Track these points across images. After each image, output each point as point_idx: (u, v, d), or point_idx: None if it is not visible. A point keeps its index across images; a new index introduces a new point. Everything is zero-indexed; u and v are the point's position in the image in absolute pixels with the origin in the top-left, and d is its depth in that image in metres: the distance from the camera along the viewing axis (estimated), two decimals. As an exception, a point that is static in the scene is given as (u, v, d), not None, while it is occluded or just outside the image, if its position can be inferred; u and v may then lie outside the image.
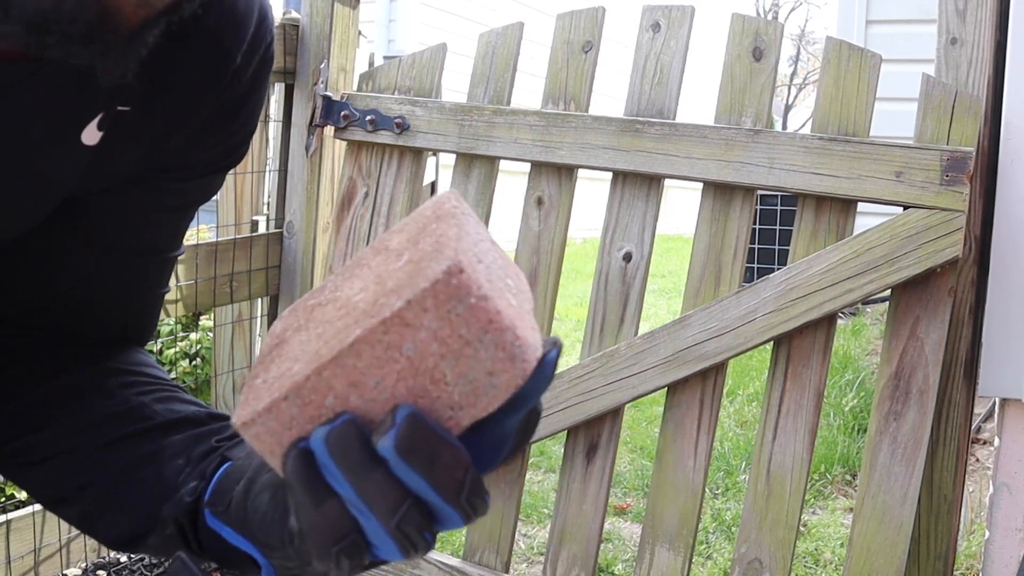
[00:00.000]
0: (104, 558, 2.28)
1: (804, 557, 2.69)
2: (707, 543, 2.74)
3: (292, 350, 0.52)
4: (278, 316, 0.57)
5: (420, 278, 0.47)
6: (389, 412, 0.47)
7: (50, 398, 0.74)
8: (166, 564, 0.65)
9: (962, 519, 2.41)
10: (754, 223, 2.50)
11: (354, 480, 0.48)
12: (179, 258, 0.82)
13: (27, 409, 0.74)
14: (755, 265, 5.35)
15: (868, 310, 5.41)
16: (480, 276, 0.47)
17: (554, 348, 0.49)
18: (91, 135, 0.65)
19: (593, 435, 1.97)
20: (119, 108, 0.66)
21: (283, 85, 2.42)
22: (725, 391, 3.77)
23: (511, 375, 0.48)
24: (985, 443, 3.23)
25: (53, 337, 0.77)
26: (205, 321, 2.71)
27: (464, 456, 0.48)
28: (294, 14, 2.38)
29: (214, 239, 2.33)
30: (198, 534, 0.67)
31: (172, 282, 0.82)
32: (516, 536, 2.17)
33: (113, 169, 0.69)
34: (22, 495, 2.17)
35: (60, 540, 2.04)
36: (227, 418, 0.72)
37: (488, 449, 0.50)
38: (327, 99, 2.25)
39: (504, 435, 0.51)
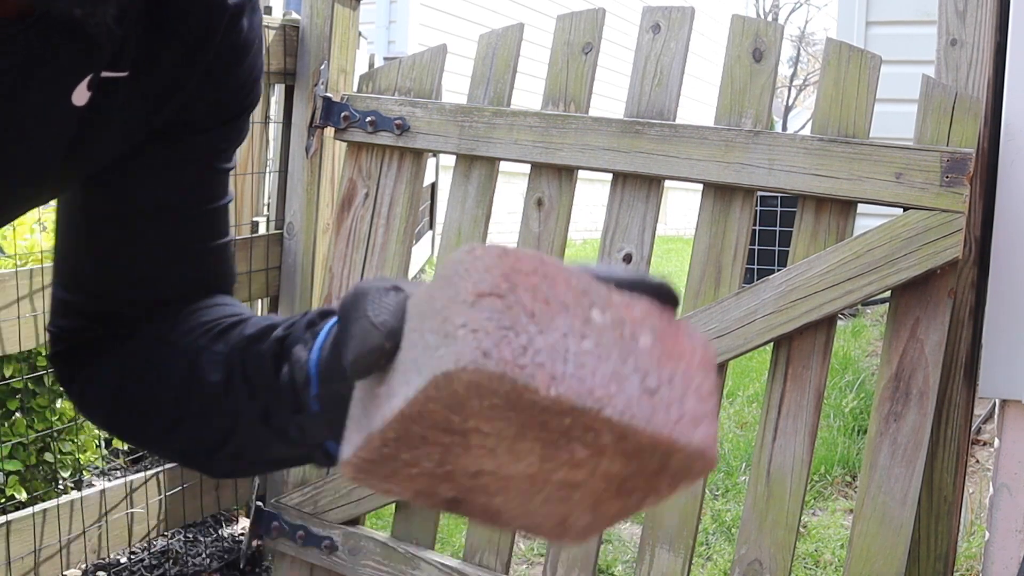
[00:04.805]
0: (104, 559, 2.27)
1: (804, 558, 2.68)
2: (707, 544, 2.74)
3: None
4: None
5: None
6: None
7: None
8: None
9: (962, 520, 2.41)
10: (754, 224, 2.50)
11: None
12: (230, 204, 0.83)
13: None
14: (755, 266, 5.35)
15: (868, 311, 5.41)
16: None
17: None
18: (81, 96, 0.65)
19: (593, 436, 1.97)
20: (116, 74, 0.66)
21: (283, 86, 2.42)
22: (725, 392, 3.77)
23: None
24: (985, 444, 3.23)
25: (133, 316, 0.77)
26: (205, 322, 2.71)
27: None
28: (294, 15, 2.38)
29: (214, 240, 2.33)
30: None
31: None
32: (516, 537, 2.17)
33: (118, 133, 0.70)
34: (22, 495, 2.17)
35: (60, 541, 2.04)
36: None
37: None
38: (327, 100, 2.25)
39: None
